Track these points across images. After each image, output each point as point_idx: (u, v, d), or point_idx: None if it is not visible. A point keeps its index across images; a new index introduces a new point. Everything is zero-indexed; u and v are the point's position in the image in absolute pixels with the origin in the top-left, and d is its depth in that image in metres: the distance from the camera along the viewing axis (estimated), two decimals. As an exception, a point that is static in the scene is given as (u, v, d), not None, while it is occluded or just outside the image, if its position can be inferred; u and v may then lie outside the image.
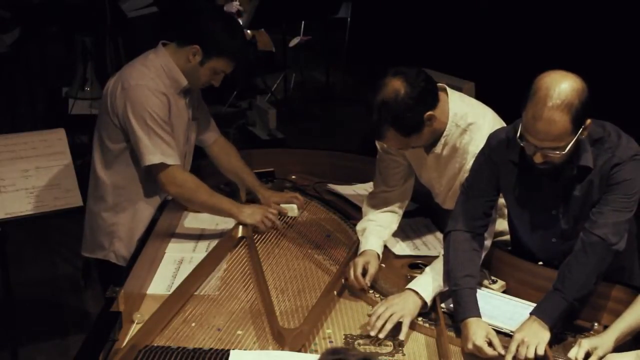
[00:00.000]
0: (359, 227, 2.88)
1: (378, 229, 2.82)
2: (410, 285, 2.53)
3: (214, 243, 2.89)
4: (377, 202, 2.90)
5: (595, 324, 2.48)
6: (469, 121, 2.69)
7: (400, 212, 2.91)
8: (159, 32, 3.17)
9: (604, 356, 2.24)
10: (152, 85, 2.92)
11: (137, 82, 2.91)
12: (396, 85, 2.52)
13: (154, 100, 2.90)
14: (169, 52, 3.00)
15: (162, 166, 2.91)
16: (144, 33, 5.67)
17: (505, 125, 2.71)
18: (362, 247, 2.76)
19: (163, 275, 2.73)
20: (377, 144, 2.90)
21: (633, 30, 5.57)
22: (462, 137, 2.69)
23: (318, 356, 2.26)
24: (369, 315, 2.45)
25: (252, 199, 3.21)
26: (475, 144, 2.66)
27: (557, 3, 6.02)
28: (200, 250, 2.89)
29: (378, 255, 2.73)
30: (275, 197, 3.20)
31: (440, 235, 2.93)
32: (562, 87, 2.24)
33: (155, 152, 2.89)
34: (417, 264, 2.81)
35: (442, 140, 2.69)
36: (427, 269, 2.62)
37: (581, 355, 2.24)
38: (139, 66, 2.98)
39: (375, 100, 2.53)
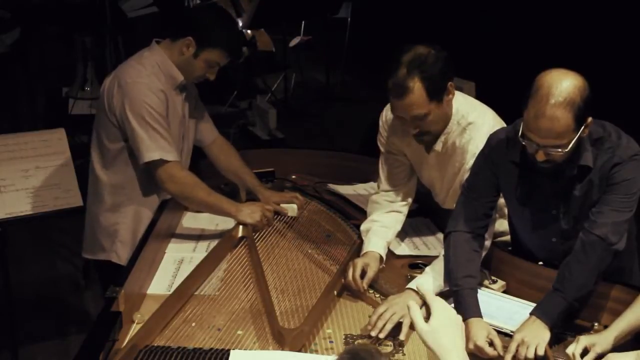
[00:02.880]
0: (363, 227, 2.88)
1: (382, 230, 2.81)
2: (410, 285, 2.53)
3: (214, 243, 2.89)
4: (381, 202, 2.90)
5: (595, 324, 2.47)
6: (469, 120, 2.69)
7: (405, 211, 2.91)
8: (159, 32, 3.18)
9: (602, 354, 2.24)
10: (149, 83, 2.92)
11: (133, 79, 2.92)
12: (426, 48, 2.58)
13: (151, 97, 2.90)
14: (163, 48, 3.01)
15: (161, 163, 2.91)
16: (144, 33, 5.67)
17: (505, 125, 2.71)
18: (365, 248, 2.76)
19: (163, 275, 2.73)
20: (380, 144, 2.90)
21: (633, 30, 5.57)
22: (462, 135, 2.69)
23: (318, 356, 2.27)
24: (370, 317, 2.45)
25: (252, 199, 3.21)
26: (475, 143, 2.66)
27: (557, 3, 6.02)
28: (200, 250, 2.89)
29: (380, 257, 2.73)
30: (275, 197, 3.19)
31: (440, 235, 2.93)
32: (563, 84, 2.24)
33: (154, 149, 2.89)
34: (417, 264, 2.81)
35: (443, 137, 2.69)
36: (428, 268, 2.62)
37: (578, 351, 2.24)
38: (135, 64, 2.99)
39: (403, 58, 2.55)
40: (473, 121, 2.69)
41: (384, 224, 2.84)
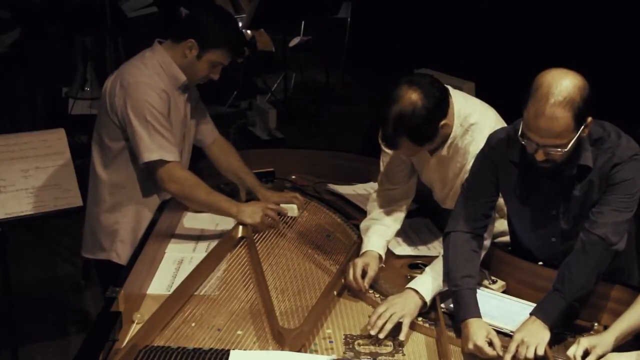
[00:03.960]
0: (362, 225, 2.88)
1: (381, 229, 2.81)
2: (410, 285, 2.53)
3: (214, 243, 2.89)
4: (381, 200, 2.90)
5: (595, 324, 2.48)
6: (471, 121, 2.69)
7: (405, 210, 2.90)
8: (159, 32, 3.18)
9: (603, 355, 2.24)
10: (152, 82, 2.92)
11: (136, 79, 2.92)
12: (413, 98, 2.50)
13: (154, 96, 2.90)
14: (166, 49, 3.00)
15: (161, 163, 2.91)
16: (144, 33, 5.67)
17: (506, 125, 2.71)
18: (364, 247, 2.76)
19: (163, 275, 2.73)
20: (381, 141, 2.89)
21: (633, 30, 5.57)
22: (464, 137, 2.69)
23: (318, 356, 2.27)
24: (370, 317, 2.45)
25: (252, 199, 3.21)
26: (477, 144, 2.66)
27: (557, 3, 6.02)
28: (200, 250, 2.88)
29: (380, 256, 2.73)
30: (275, 197, 3.19)
31: (440, 235, 2.93)
32: (563, 84, 2.24)
33: (154, 149, 2.89)
34: (417, 264, 2.81)
35: (448, 142, 2.69)
36: (427, 268, 2.62)
37: (579, 353, 2.24)
38: (137, 64, 2.99)
39: (391, 112, 2.51)
40: (475, 122, 2.69)
41: (383, 222, 2.83)
